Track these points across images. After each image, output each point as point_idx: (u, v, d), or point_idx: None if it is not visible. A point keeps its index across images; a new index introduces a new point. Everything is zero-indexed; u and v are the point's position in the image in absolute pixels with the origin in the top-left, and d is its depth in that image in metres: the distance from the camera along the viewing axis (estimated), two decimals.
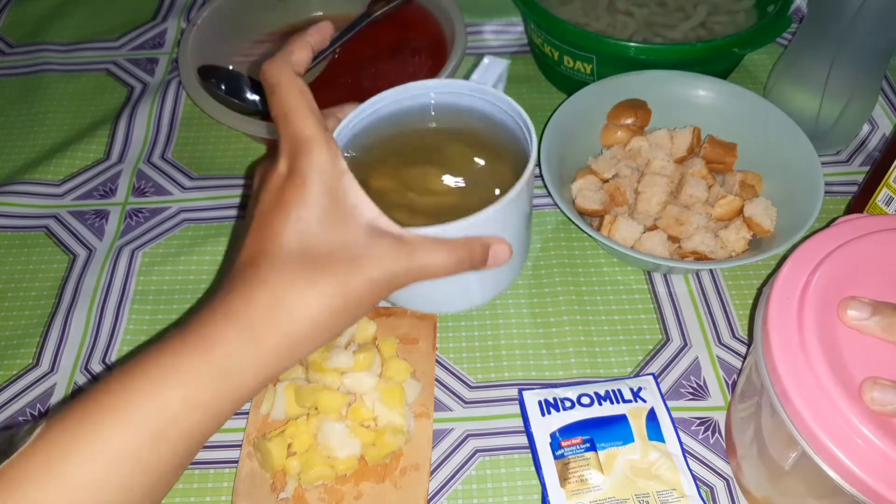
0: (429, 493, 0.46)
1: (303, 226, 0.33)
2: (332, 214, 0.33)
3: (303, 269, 0.32)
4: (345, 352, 0.48)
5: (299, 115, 0.34)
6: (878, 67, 0.59)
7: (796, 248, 0.41)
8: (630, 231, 0.54)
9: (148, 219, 0.61)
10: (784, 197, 0.56)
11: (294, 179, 0.33)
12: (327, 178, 0.33)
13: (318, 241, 0.33)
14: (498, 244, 0.38)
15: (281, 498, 0.45)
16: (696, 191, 0.55)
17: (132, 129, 0.67)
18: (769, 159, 0.58)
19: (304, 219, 0.33)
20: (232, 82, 0.62)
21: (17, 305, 0.56)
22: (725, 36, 0.61)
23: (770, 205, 0.55)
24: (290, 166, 0.34)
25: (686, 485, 0.45)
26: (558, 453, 0.46)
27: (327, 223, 0.33)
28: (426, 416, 0.49)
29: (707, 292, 0.56)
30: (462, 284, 0.42)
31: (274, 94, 0.35)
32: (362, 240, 0.33)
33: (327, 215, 0.33)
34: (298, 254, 0.32)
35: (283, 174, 0.34)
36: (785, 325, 0.37)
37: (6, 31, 0.78)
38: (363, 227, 0.34)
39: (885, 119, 0.67)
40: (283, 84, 0.35)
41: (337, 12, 0.73)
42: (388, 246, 0.33)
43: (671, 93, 0.61)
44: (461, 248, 0.36)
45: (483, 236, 0.37)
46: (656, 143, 0.59)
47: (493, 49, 0.74)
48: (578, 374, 0.52)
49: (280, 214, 0.33)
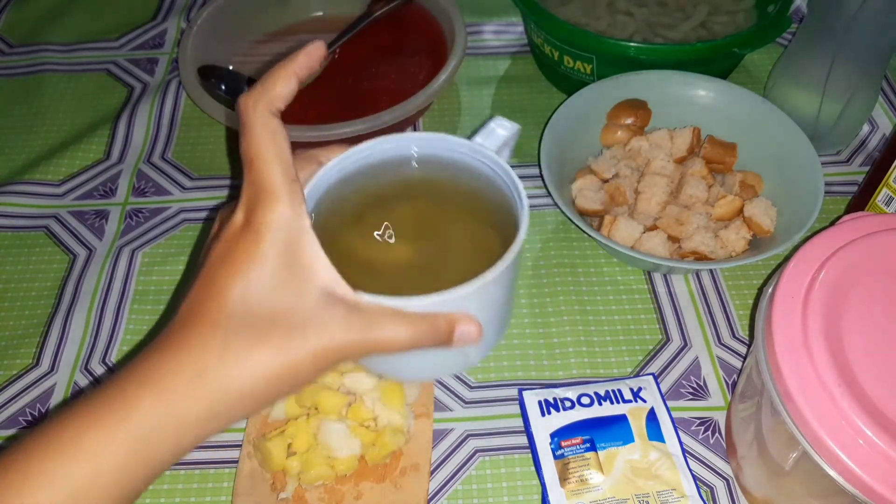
0: (429, 493, 0.46)
1: (250, 286, 0.30)
2: (282, 275, 0.30)
3: (241, 334, 0.29)
4: None
5: (265, 162, 0.31)
6: (878, 67, 0.59)
7: (800, 247, 0.41)
8: (630, 231, 0.53)
9: (148, 219, 0.61)
10: (784, 197, 0.56)
11: (248, 233, 0.30)
12: (285, 235, 0.30)
13: (264, 304, 0.30)
14: (466, 323, 0.33)
15: (281, 498, 0.45)
16: (696, 191, 0.55)
17: (132, 129, 0.67)
18: (769, 159, 0.58)
19: (253, 279, 0.30)
20: (232, 82, 0.62)
21: (17, 305, 0.56)
22: (726, 36, 0.62)
23: (770, 205, 0.55)
24: (247, 217, 0.31)
25: (686, 485, 0.45)
26: (558, 453, 0.46)
27: (276, 285, 0.30)
28: (426, 416, 0.49)
29: (707, 292, 0.56)
30: (426, 358, 0.36)
31: (243, 135, 0.32)
32: (312, 305, 0.30)
33: (278, 276, 0.30)
34: (240, 317, 0.29)
35: (238, 225, 0.31)
36: (789, 324, 0.37)
37: (6, 31, 0.78)
38: (315, 290, 0.30)
39: (885, 119, 0.67)
40: (255, 126, 0.32)
41: (337, 12, 0.73)
42: (340, 315, 0.30)
43: (671, 93, 0.61)
44: (424, 324, 0.32)
45: (451, 312, 0.33)
46: (656, 143, 0.59)
47: (493, 49, 0.74)
48: (578, 375, 0.52)
49: (227, 270, 0.30)
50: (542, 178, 0.54)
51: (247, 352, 0.29)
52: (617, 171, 0.58)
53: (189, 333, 0.30)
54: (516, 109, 0.69)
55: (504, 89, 0.71)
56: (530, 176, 0.63)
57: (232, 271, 0.30)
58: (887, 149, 0.52)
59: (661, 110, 0.61)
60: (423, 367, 0.39)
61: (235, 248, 0.30)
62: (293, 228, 0.31)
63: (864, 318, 0.37)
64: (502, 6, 0.77)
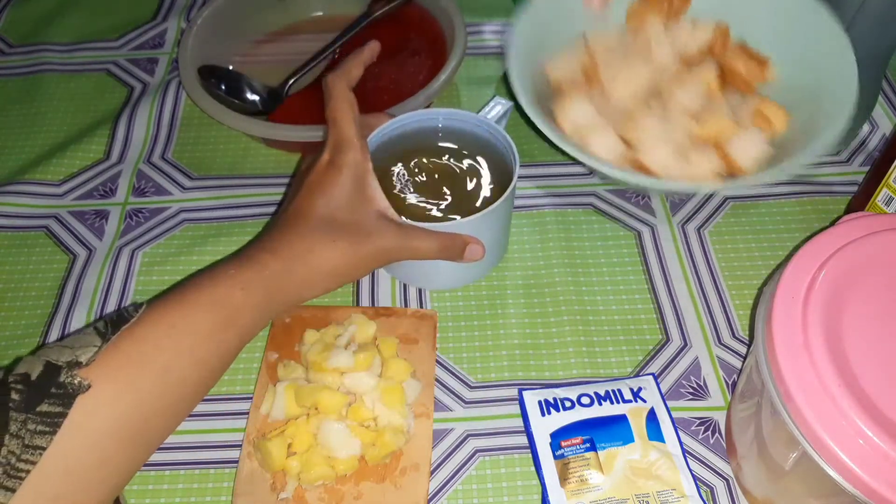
0: (429, 493, 0.46)
1: (335, 203, 0.44)
2: (355, 198, 0.45)
3: (329, 231, 0.43)
4: (345, 352, 0.48)
5: (345, 122, 0.46)
6: (878, 67, 0.59)
7: (800, 247, 0.41)
8: (580, 114, 0.44)
9: (148, 219, 0.61)
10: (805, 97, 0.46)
11: (332, 168, 0.45)
12: (356, 172, 0.45)
13: (343, 214, 0.44)
14: (474, 243, 0.49)
15: (281, 498, 0.45)
16: (686, 98, 0.45)
17: (132, 129, 0.67)
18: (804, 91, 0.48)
19: (336, 197, 0.44)
20: (232, 82, 0.62)
21: (17, 305, 0.56)
22: None
23: (764, 146, 0.45)
24: (332, 159, 0.46)
25: (686, 485, 0.45)
26: (558, 453, 0.46)
27: (351, 204, 0.45)
28: (426, 416, 0.49)
29: (707, 292, 0.56)
30: (445, 271, 0.53)
31: (330, 100, 0.47)
32: (373, 221, 0.45)
33: (352, 198, 0.45)
34: (327, 220, 0.44)
35: (325, 162, 0.46)
36: (789, 324, 0.37)
37: (6, 31, 0.78)
38: (375, 212, 0.45)
39: (885, 119, 0.67)
40: (338, 95, 0.47)
41: (337, 12, 0.73)
42: (391, 229, 0.45)
43: None
44: (446, 240, 0.47)
45: (464, 235, 0.48)
46: (673, 31, 0.49)
47: (493, 49, 0.74)
48: (578, 374, 0.52)
49: (320, 189, 0.45)
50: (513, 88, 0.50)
51: (333, 242, 0.43)
52: (607, 45, 0.48)
53: (296, 225, 0.44)
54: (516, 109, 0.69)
55: (504, 89, 0.71)
56: (530, 176, 0.63)
57: (323, 191, 0.44)
58: (887, 148, 0.52)
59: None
60: (442, 278, 0.55)
61: (326, 177, 0.45)
62: (362, 168, 0.45)
63: (865, 318, 0.37)
64: (502, 6, 0.77)
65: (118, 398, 0.36)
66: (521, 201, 0.62)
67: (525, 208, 0.61)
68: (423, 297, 0.56)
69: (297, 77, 0.64)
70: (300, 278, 0.43)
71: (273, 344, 0.52)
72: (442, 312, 0.55)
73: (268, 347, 0.52)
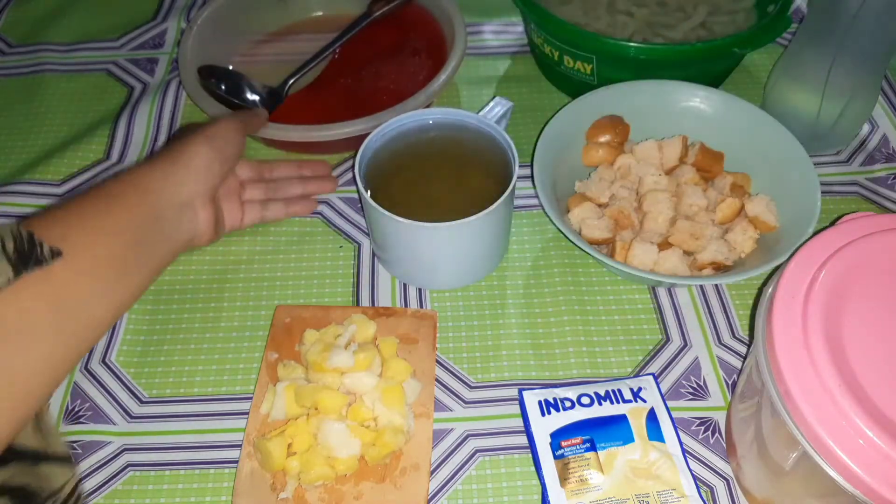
0: (429, 493, 0.46)
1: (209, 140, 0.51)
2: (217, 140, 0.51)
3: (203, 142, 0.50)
4: (345, 352, 0.48)
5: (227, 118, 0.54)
6: (878, 67, 0.59)
7: (801, 247, 0.41)
8: (647, 253, 0.52)
9: None
10: (778, 193, 0.55)
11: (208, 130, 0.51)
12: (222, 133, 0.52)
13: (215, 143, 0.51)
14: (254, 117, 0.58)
15: (281, 498, 0.45)
16: (694, 199, 0.55)
17: (132, 129, 0.68)
18: (757, 159, 0.58)
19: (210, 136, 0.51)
20: (232, 82, 0.62)
21: None
22: (726, 36, 0.61)
23: (769, 200, 0.54)
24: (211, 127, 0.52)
25: (686, 485, 0.45)
26: (558, 453, 0.46)
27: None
28: (426, 416, 0.49)
29: (707, 292, 0.56)
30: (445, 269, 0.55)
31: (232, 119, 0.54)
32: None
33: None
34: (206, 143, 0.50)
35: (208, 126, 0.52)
36: (789, 324, 0.37)
37: (6, 31, 0.78)
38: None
39: (885, 119, 0.67)
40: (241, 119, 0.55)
41: (337, 12, 0.73)
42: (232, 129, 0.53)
43: (652, 103, 0.60)
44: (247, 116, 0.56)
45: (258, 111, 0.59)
46: (644, 156, 0.58)
47: (493, 49, 0.74)
48: (578, 375, 0.52)
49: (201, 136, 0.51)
50: (542, 208, 0.53)
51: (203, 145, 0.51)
52: (613, 192, 0.57)
53: (183, 145, 0.50)
54: (516, 109, 0.68)
55: (504, 89, 0.71)
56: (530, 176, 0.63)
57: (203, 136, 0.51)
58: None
59: (641, 123, 0.60)
60: (442, 277, 0.56)
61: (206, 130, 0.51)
62: (227, 131, 0.52)
63: (864, 318, 0.37)
64: (502, 6, 0.77)
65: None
66: (521, 201, 0.62)
67: (525, 208, 0.61)
68: (423, 297, 0.56)
69: (297, 77, 0.64)
70: (189, 168, 0.49)
71: (273, 344, 0.52)
72: (442, 312, 0.55)
73: (268, 347, 0.52)
